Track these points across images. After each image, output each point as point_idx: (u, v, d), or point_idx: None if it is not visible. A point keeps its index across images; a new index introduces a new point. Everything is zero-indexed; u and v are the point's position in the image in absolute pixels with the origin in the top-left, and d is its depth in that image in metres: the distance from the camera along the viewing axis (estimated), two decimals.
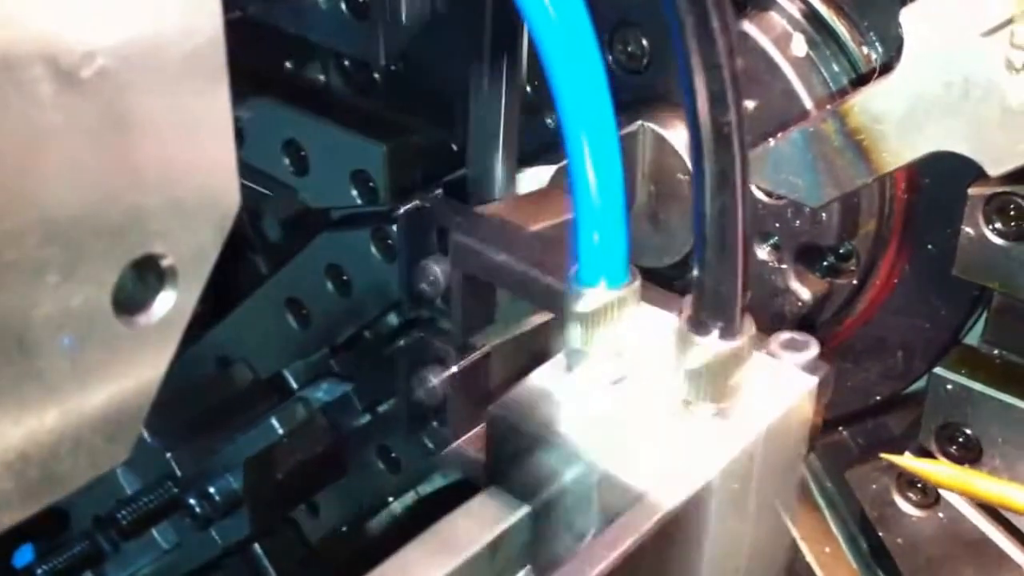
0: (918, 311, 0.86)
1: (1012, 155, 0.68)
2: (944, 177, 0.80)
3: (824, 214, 0.82)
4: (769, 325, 0.86)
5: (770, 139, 0.76)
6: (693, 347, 0.54)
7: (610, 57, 0.87)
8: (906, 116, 0.69)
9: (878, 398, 0.89)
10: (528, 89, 0.93)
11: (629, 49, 0.87)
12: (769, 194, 0.82)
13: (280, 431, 0.95)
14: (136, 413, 0.44)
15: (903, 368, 0.88)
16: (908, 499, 0.84)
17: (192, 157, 0.39)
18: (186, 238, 0.42)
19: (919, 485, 0.82)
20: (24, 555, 1.29)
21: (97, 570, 1.11)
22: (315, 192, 0.98)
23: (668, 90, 0.85)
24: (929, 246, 0.84)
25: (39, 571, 1.07)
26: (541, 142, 0.90)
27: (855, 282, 0.86)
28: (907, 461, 0.77)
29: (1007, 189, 0.73)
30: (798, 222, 0.83)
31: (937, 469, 0.76)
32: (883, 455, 0.78)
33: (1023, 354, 0.80)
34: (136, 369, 0.43)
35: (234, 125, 0.82)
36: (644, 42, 0.86)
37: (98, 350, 0.41)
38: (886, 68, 0.71)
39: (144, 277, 0.42)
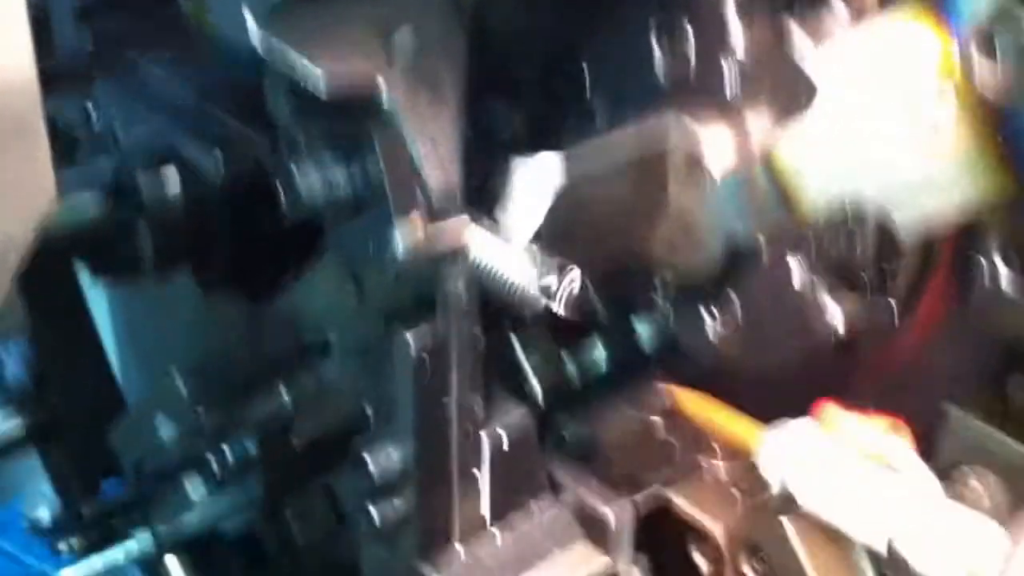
0: (965, 346, 0.87)
1: (922, 217, 0.71)
2: None
3: (857, 233, 0.84)
4: (799, 347, 0.90)
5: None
6: None
7: (657, 47, 0.91)
8: (823, 165, 0.73)
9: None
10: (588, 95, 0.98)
11: (676, 41, 0.90)
12: None
13: (286, 399, 1.01)
14: None
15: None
16: None
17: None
18: None
19: None
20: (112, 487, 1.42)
21: (144, 515, 1.21)
22: None
23: (714, 86, 0.88)
24: None
25: (84, 510, 1.18)
26: None
27: (894, 310, 0.88)
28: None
29: None
30: (831, 239, 0.85)
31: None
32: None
33: None
34: None
35: None
36: (691, 36, 0.89)
37: None
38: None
39: None
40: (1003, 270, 0.76)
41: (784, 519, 0.90)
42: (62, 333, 1.47)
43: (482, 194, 0.87)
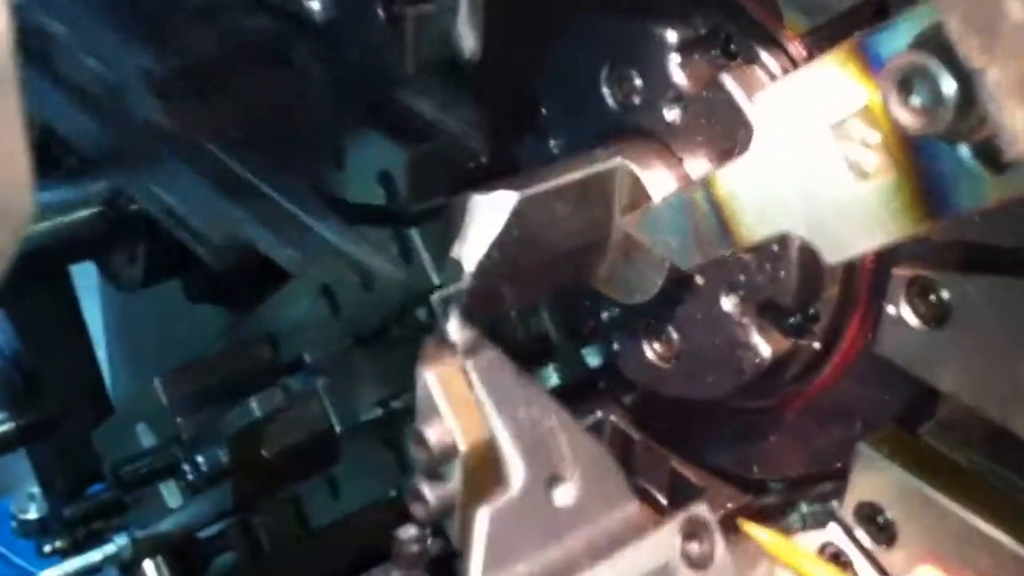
0: (881, 383, 0.93)
1: (845, 248, 0.75)
2: None
3: (783, 272, 0.90)
4: (729, 377, 0.97)
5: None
6: None
7: (606, 90, 0.98)
8: (758, 195, 0.78)
9: (838, 465, 0.97)
10: (544, 111, 1.05)
11: (624, 85, 0.97)
12: None
13: (257, 414, 1.09)
14: None
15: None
16: None
17: None
18: None
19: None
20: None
21: (120, 520, 1.29)
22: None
23: (656, 128, 0.96)
24: None
25: (65, 512, 1.27)
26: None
27: (817, 345, 0.94)
28: (751, 528, 0.86)
29: (930, 274, 0.81)
30: (759, 277, 0.92)
31: (772, 540, 0.84)
32: (741, 520, 0.87)
33: (966, 444, 0.87)
34: None
35: None
36: (637, 81, 0.96)
37: None
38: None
39: None
40: (909, 311, 0.82)
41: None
42: (54, 338, 1.55)
43: None
